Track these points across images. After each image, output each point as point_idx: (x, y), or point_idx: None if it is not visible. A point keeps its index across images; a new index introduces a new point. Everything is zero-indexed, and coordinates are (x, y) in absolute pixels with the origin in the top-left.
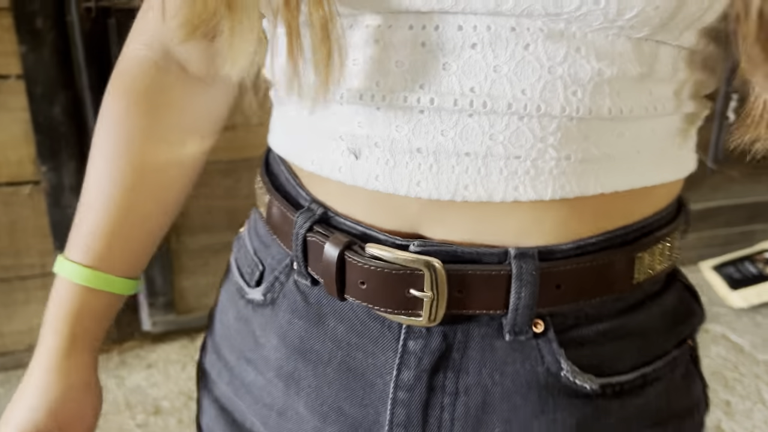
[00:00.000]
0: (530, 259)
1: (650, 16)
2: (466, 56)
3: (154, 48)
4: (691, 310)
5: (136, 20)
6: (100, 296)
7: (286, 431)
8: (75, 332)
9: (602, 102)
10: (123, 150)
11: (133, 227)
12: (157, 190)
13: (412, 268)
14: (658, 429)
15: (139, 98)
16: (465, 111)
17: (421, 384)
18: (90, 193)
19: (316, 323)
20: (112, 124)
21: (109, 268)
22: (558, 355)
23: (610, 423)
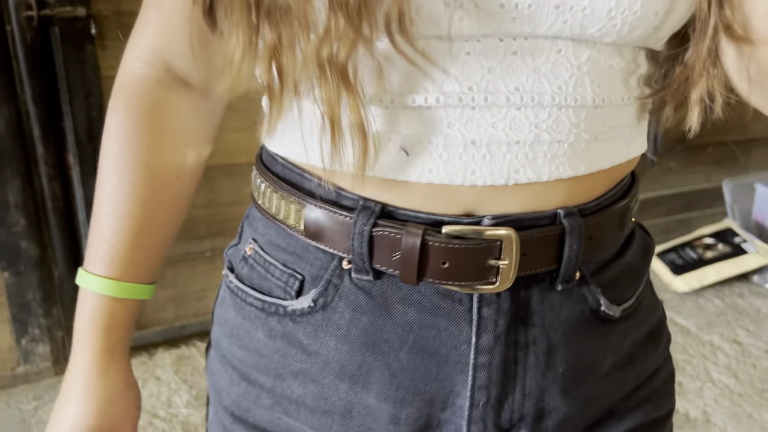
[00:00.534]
0: (575, 216)
1: (649, 33)
2: (509, 61)
3: (154, 65)
4: (649, 242)
5: (132, 35)
6: (128, 304)
7: (356, 429)
8: (111, 341)
9: (617, 92)
10: (135, 166)
11: (151, 236)
12: (169, 199)
13: (490, 240)
14: (649, 337)
15: (145, 115)
16: (514, 105)
17: (500, 344)
18: (106, 208)
19: (383, 314)
20: (122, 142)
21: (133, 277)
22: (597, 295)
23: (627, 339)
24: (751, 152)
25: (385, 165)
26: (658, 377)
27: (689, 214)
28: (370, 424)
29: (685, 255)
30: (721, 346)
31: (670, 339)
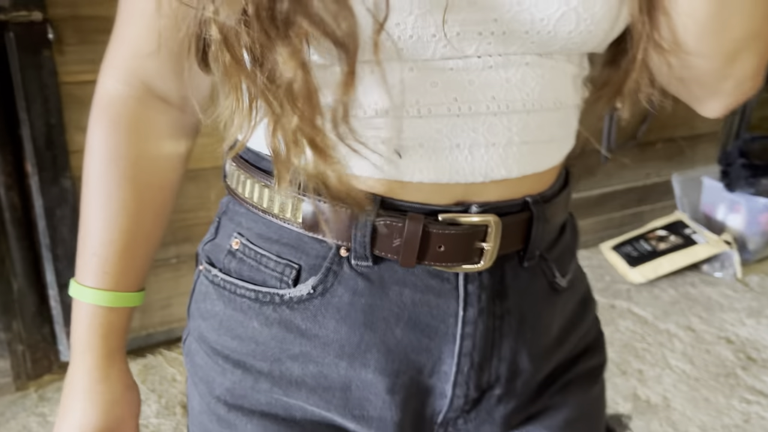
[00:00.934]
0: (539, 203)
1: (598, 44)
2: (485, 75)
3: (133, 85)
4: (576, 224)
5: (108, 52)
6: (122, 312)
7: (355, 401)
8: (110, 346)
9: (570, 94)
10: (122, 182)
11: (140, 247)
12: (156, 209)
13: (479, 225)
14: (583, 303)
15: (129, 133)
16: (491, 112)
17: (482, 316)
18: (95, 223)
19: (380, 296)
20: (107, 159)
21: (126, 287)
22: (554, 269)
23: (569, 305)
24: (698, 147)
25: (377, 167)
26: (590, 335)
27: (642, 207)
28: (368, 396)
29: (639, 247)
30: (676, 334)
31: (596, 304)
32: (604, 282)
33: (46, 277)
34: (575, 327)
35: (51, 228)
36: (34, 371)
